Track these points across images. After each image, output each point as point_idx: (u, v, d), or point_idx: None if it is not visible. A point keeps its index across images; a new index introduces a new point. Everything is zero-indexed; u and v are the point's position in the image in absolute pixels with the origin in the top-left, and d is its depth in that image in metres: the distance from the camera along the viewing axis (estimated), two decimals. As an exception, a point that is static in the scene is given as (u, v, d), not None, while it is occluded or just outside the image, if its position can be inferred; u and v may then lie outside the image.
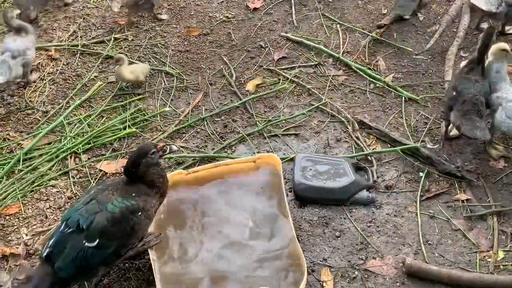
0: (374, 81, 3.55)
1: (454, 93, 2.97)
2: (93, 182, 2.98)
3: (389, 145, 3.13)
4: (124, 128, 3.28)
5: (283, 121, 3.32)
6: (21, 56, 3.36)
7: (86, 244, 2.20)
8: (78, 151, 3.15)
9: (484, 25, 3.76)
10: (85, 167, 3.07)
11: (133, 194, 2.33)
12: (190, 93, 3.55)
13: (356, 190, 2.82)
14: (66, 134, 3.26)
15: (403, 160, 3.06)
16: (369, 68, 3.64)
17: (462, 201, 2.84)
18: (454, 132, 3.09)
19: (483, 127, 2.84)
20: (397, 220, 2.77)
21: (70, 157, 3.13)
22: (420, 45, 3.82)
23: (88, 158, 3.13)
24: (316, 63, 3.70)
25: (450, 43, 3.75)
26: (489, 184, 2.91)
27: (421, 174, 2.97)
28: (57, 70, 3.71)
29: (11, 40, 3.39)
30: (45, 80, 3.64)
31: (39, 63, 3.72)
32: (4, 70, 3.29)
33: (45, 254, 2.23)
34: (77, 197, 2.85)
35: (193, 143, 3.22)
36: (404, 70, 3.64)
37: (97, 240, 2.21)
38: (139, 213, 2.31)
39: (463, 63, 3.26)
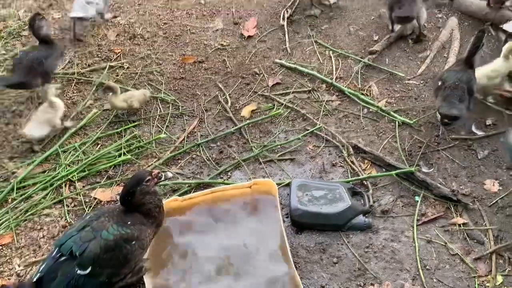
0: (368, 106, 3.59)
1: (439, 83, 3.23)
2: (88, 210, 2.95)
3: (384, 169, 3.14)
4: (119, 155, 3.27)
5: (279, 146, 3.33)
6: (95, 2, 4.16)
7: (78, 271, 2.18)
8: (73, 179, 3.13)
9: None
10: (79, 195, 3.04)
11: (129, 223, 2.32)
12: (186, 119, 3.57)
13: (353, 215, 2.81)
14: (61, 162, 3.25)
15: (398, 184, 3.06)
16: (362, 94, 3.68)
17: (459, 225, 2.84)
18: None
19: (461, 108, 3.07)
20: (394, 245, 2.76)
21: (65, 185, 3.11)
22: (412, 70, 3.88)
23: (83, 186, 3.11)
24: (310, 88, 3.74)
25: (442, 68, 3.82)
26: (484, 208, 2.92)
27: (417, 198, 2.97)
28: (53, 98, 3.72)
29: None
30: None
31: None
32: (88, 8, 4.10)
33: (35, 278, 2.20)
34: (71, 226, 2.82)
35: (189, 169, 3.21)
36: (397, 95, 3.69)
37: (90, 268, 2.18)
38: (133, 242, 2.29)
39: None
